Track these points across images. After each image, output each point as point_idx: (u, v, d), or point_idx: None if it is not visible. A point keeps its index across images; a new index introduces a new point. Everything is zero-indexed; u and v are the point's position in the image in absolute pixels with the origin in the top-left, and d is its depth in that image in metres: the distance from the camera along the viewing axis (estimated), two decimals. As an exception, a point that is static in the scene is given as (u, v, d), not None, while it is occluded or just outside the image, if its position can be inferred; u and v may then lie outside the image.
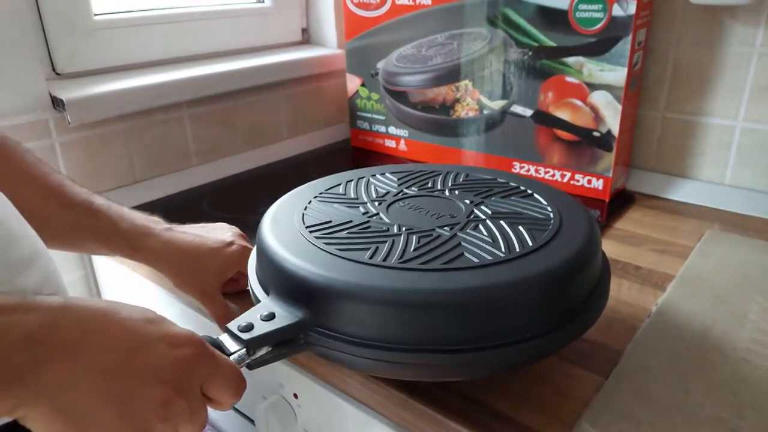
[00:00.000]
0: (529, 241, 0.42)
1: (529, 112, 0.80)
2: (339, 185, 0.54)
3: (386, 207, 0.49)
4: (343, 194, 0.53)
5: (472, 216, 0.47)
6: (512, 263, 0.40)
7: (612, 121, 0.73)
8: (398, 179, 0.56)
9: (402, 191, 0.53)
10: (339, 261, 0.41)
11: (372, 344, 0.38)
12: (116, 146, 0.83)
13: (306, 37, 1.12)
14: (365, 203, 0.50)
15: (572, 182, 0.79)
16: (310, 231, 0.45)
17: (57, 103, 0.74)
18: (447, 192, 0.52)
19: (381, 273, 0.39)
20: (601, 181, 0.76)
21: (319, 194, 0.52)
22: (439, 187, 0.54)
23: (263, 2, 1.03)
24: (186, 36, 0.92)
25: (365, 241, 0.43)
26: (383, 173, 0.57)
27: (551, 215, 0.47)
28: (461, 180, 0.55)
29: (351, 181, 0.55)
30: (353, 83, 0.99)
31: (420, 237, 0.44)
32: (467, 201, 0.50)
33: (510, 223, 0.46)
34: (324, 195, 0.52)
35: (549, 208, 0.48)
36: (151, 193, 0.83)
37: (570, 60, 0.74)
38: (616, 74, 0.71)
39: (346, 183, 0.55)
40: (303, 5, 1.09)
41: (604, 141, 0.75)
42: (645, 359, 0.46)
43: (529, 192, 0.52)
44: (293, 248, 0.43)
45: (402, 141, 0.96)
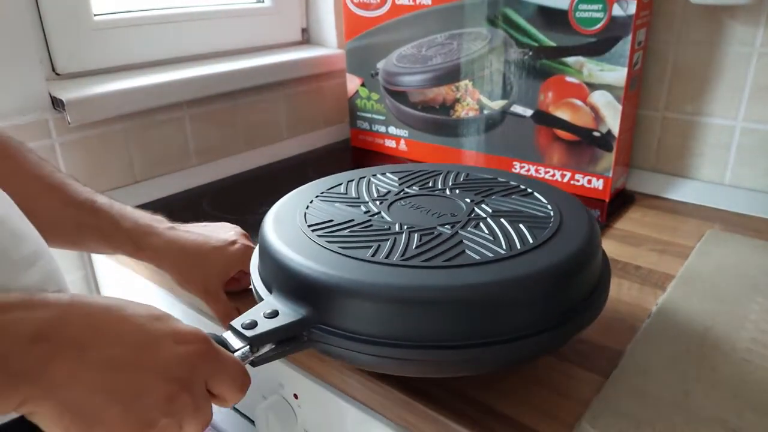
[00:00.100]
0: (530, 239, 0.43)
1: (529, 112, 0.80)
2: (340, 185, 0.54)
3: (387, 206, 0.50)
4: (345, 193, 0.53)
5: (473, 214, 0.47)
6: (514, 260, 0.40)
7: (612, 121, 0.73)
8: (399, 179, 0.56)
9: (403, 190, 0.53)
10: (342, 259, 0.41)
11: (374, 341, 0.38)
12: (116, 146, 0.83)
13: (306, 37, 1.12)
14: (366, 202, 0.50)
15: (572, 182, 0.79)
16: (313, 230, 0.45)
17: (57, 104, 0.74)
18: (448, 191, 0.52)
19: (383, 270, 0.39)
20: (601, 181, 0.76)
21: (321, 194, 0.52)
22: (440, 187, 0.54)
23: (263, 2, 1.03)
24: (186, 36, 0.92)
25: (367, 240, 0.43)
26: (384, 173, 0.57)
27: (551, 213, 0.47)
28: (461, 179, 0.55)
29: (352, 181, 0.55)
30: (353, 83, 0.99)
31: (421, 235, 0.44)
32: (468, 200, 0.50)
33: (511, 221, 0.46)
34: (325, 194, 0.52)
35: (549, 207, 0.48)
36: (151, 193, 0.83)
37: (570, 60, 0.74)
38: (616, 74, 0.71)
39: (347, 182, 0.55)
40: (303, 5, 1.09)
41: (604, 141, 0.75)
42: (645, 359, 0.46)
43: (529, 191, 0.52)
44: (296, 246, 0.43)
45: (402, 141, 0.96)
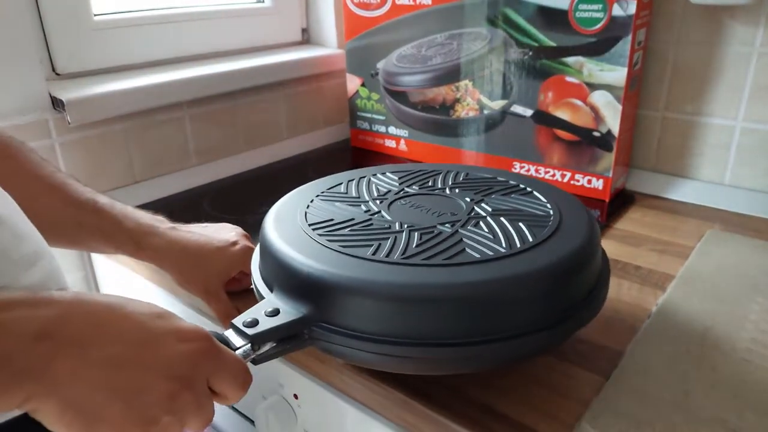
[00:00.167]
0: (530, 237, 0.43)
1: (529, 112, 0.80)
2: (340, 184, 0.55)
3: (387, 205, 0.50)
4: (345, 193, 0.53)
5: (473, 213, 0.48)
6: (514, 258, 0.40)
7: (612, 121, 0.73)
8: (399, 178, 0.56)
9: (403, 190, 0.53)
10: (342, 257, 0.41)
11: (375, 338, 0.38)
12: (116, 146, 0.82)
13: (306, 37, 1.12)
14: (367, 202, 0.51)
15: (572, 182, 0.79)
16: (313, 229, 0.45)
17: (57, 104, 0.74)
18: (447, 190, 0.53)
19: (384, 268, 0.39)
20: (601, 181, 0.76)
21: (321, 193, 0.53)
22: (440, 186, 0.54)
23: (263, 2, 1.03)
24: (186, 36, 0.92)
25: (368, 238, 0.43)
26: (384, 172, 0.57)
27: (551, 212, 0.47)
28: (461, 179, 0.55)
29: (352, 181, 0.55)
30: (353, 83, 0.99)
31: (422, 234, 0.44)
32: (468, 199, 0.50)
33: (510, 220, 0.46)
34: (326, 194, 0.52)
35: (549, 205, 0.48)
36: (151, 193, 0.83)
37: (570, 60, 0.74)
38: (616, 74, 0.71)
39: (348, 182, 0.55)
40: (303, 5, 1.09)
41: (604, 141, 0.75)
42: (645, 360, 0.46)
43: (529, 190, 0.52)
44: (297, 245, 0.43)
45: (402, 141, 0.96)
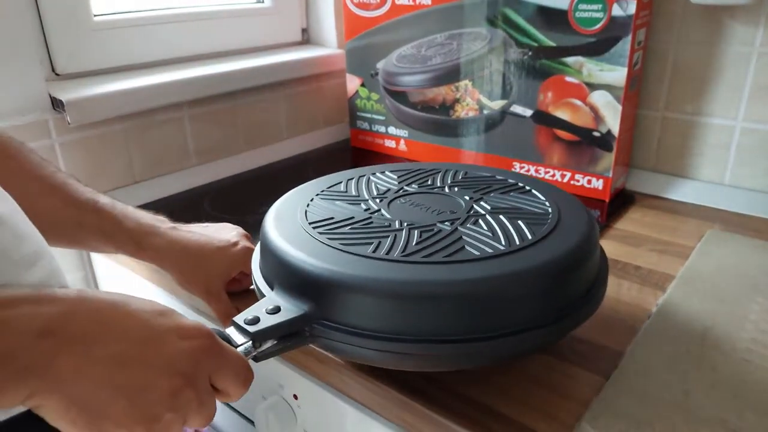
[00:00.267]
0: (529, 235, 0.43)
1: (529, 112, 0.80)
2: (340, 183, 0.55)
3: (387, 204, 0.50)
4: (345, 192, 0.53)
5: (472, 211, 0.48)
6: (513, 255, 0.40)
7: (612, 121, 0.73)
8: (398, 177, 0.56)
9: (402, 188, 0.53)
10: (343, 255, 0.41)
11: (376, 335, 0.38)
12: (116, 146, 0.82)
13: (306, 37, 1.12)
14: (366, 200, 0.51)
15: (572, 182, 0.79)
16: (314, 227, 0.45)
17: (56, 104, 0.74)
18: (447, 189, 0.53)
19: (384, 266, 0.40)
20: (601, 181, 0.76)
21: (321, 192, 0.53)
22: (439, 185, 0.54)
23: (263, 2, 1.03)
24: (186, 36, 0.92)
25: (368, 236, 0.44)
26: (383, 171, 0.58)
27: (549, 210, 0.47)
28: (460, 177, 0.56)
29: (352, 180, 0.55)
30: (353, 83, 0.99)
31: (421, 232, 0.44)
32: (467, 197, 0.50)
33: (509, 218, 0.46)
34: (326, 192, 0.53)
35: (547, 203, 0.49)
36: (151, 194, 0.83)
37: (570, 60, 0.74)
38: (616, 74, 0.71)
39: (347, 181, 0.55)
40: (303, 5, 1.09)
41: (604, 141, 0.75)
42: (645, 360, 0.46)
43: (528, 188, 0.52)
44: (297, 243, 0.43)
45: (402, 141, 0.96)
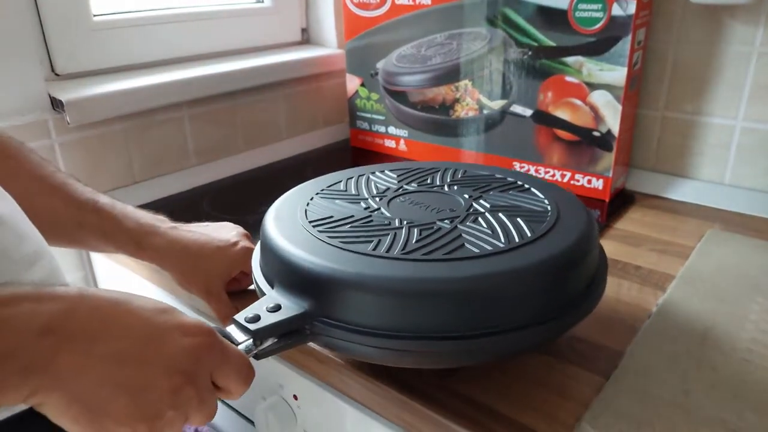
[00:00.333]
0: (528, 233, 0.43)
1: (529, 112, 0.80)
2: (340, 182, 0.55)
3: (387, 202, 0.50)
4: (344, 190, 0.53)
5: (472, 209, 0.48)
6: (512, 253, 0.41)
7: (612, 121, 0.73)
8: (398, 176, 0.56)
9: (402, 187, 0.53)
10: (343, 253, 0.41)
11: (376, 333, 0.38)
12: (116, 146, 0.82)
13: (306, 37, 1.12)
14: (366, 199, 0.51)
15: (572, 182, 0.79)
16: (314, 225, 0.46)
17: (56, 104, 0.74)
18: (446, 187, 0.53)
19: (384, 263, 0.40)
20: (601, 181, 0.76)
21: (321, 191, 0.53)
22: (438, 183, 0.54)
23: (263, 2, 1.03)
24: (186, 36, 0.92)
25: (367, 235, 0.44)
26: (383, 170, 0.58)
27: (549, 208, 0.47)
28: (459, 176, 0.56)
29: (351, 178, 0.55)
30: (353, 83, 0.99)
31: (421, 230, 0.44)
32: (466, 195, 0.51)
33: (509, 216, 0.46)
34: (325, 191, 0.53)
35: (546, 202, 0.49)
36: (151, 194, 0.83)
37: (569, 60, 0.74)
38: (616, 74, 0.71)
39: (347, 180, 0.55)
40: (303, 5, 1.09)
41: (604, 141, 0.74)
42: (645, 360, 0.45)
43: (527, 186, 0.53)
44: (297, 242, 0.43)
45: (402, 141, 0.96)
